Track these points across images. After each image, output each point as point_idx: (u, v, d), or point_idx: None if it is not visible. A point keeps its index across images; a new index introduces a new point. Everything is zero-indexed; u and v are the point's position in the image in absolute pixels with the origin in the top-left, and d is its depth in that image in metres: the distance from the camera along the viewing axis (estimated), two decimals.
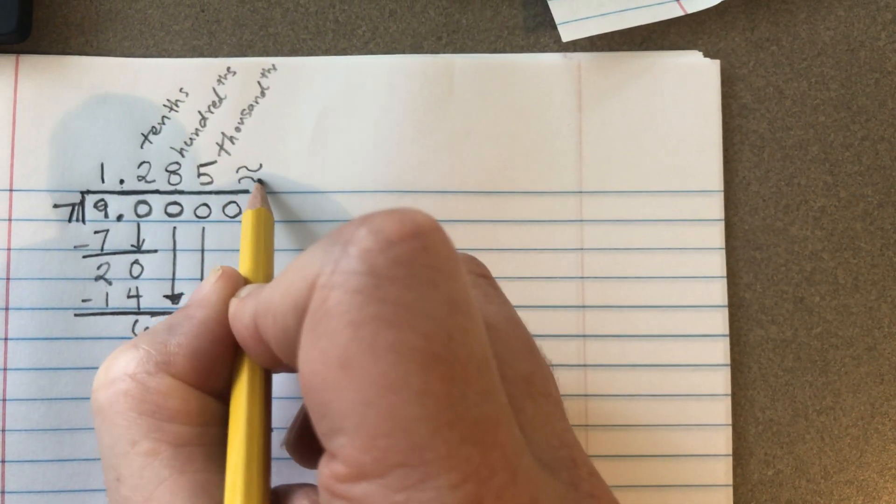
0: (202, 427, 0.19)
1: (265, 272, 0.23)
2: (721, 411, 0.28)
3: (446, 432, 0.15)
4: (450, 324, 0.16)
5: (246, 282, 0.22)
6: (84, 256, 0.28)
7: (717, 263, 0.29)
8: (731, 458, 0.28)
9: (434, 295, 0.16)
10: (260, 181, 0.28)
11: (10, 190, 0.28)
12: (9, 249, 0.28)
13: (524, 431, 0.17)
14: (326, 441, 0.16)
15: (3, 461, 0.27)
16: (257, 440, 0.19)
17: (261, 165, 0.28)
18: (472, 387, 0.15)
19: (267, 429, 0.20)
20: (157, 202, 0.28)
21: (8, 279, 0.28)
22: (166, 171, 0.28)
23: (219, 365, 0.20)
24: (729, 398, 0.28)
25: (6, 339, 0.28)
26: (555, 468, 0.17)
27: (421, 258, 0.16)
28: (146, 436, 0.19)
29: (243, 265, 0.23)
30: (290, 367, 0.19)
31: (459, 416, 0.15)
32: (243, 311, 0.19)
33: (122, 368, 0.20)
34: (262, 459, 0.19)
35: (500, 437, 0.16)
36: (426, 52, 0.29)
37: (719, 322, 0.28)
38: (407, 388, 0.15)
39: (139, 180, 0.28)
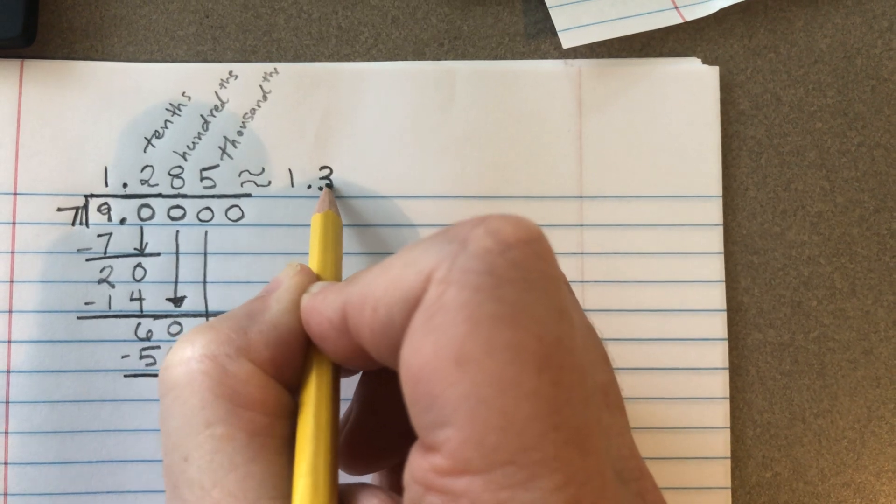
0: (275, 418, 0.19)
1: (334, 273, 0.23)
2: (720, 414, 0.28)
3: (553, 434, 0.15)
4: (558, 329, 0.16)
5: (318, 279, 0.22)
6: (87, 260, 0.28)
7: (715, 268, 0.29)
8: (729, 461, 0.28)
9: (546, 300, 0.16)
10: (329, 185, 0.29)
11: (14, 193, 0.28)
12: (13, 252, 0.28)
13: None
14: (427, 434, 0.16)
15: (6, 463, 0.27)
16: (326, 436, 0.19)
17: (263, 170, 0.29)
18: (574, 392, 0.16)
19: (335, 425, 0.20)
20: (160, 206, 0.29)
21: (11, 282, 0.28)
22: (169, 174, 0.29)
23: (294, 357, 0.20)
24: (727, 401, 0.28)
25: (10, 341, 0.28)
26: (625, 478, 0.17)
27: (535, 263, 0.16)
28: (222, 420, 0.18)
29: (312, 266, 0.23)
30: (367, 363, 0.19)
31: (565, 420, 0.15)
32: (325, 304, 0.19)
33: (202, 348, 0.19)
34: (331, 456, 0.19)
35: (595, 444, 0.16)
36: (428, 59, 0.30)
37: (718, 326, 0.29)
38: (520, 387, 0.15)
39: (142, 184, 0.29)
